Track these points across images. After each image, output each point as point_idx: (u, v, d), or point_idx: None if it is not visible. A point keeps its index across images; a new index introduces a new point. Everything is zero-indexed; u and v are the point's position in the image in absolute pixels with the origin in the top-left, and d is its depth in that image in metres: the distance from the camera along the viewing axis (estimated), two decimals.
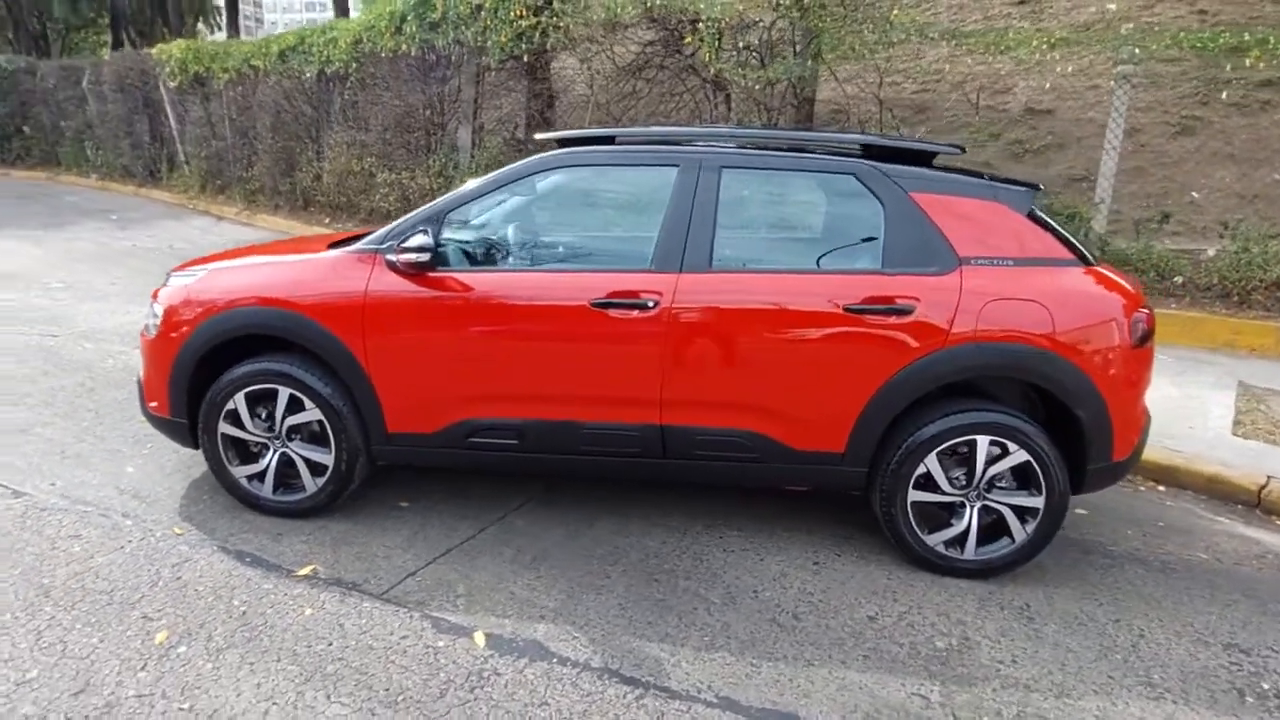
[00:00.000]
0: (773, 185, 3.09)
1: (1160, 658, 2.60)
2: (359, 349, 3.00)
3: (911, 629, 2.68)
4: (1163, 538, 3.49)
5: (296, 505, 3.20)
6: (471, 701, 2.22)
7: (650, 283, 2.89)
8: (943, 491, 2.94)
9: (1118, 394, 2.85)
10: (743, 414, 2.94)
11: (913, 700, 2.33)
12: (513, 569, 2.92)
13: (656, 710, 2.22)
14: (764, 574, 2.97)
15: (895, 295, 2.82)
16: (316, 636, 2.47)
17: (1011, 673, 2.47)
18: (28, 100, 16.40)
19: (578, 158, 3.08)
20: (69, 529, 3.05)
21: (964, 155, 3.54)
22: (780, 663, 2.46)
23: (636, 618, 2.66)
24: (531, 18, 7.58)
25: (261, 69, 11.01)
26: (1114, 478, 3.07)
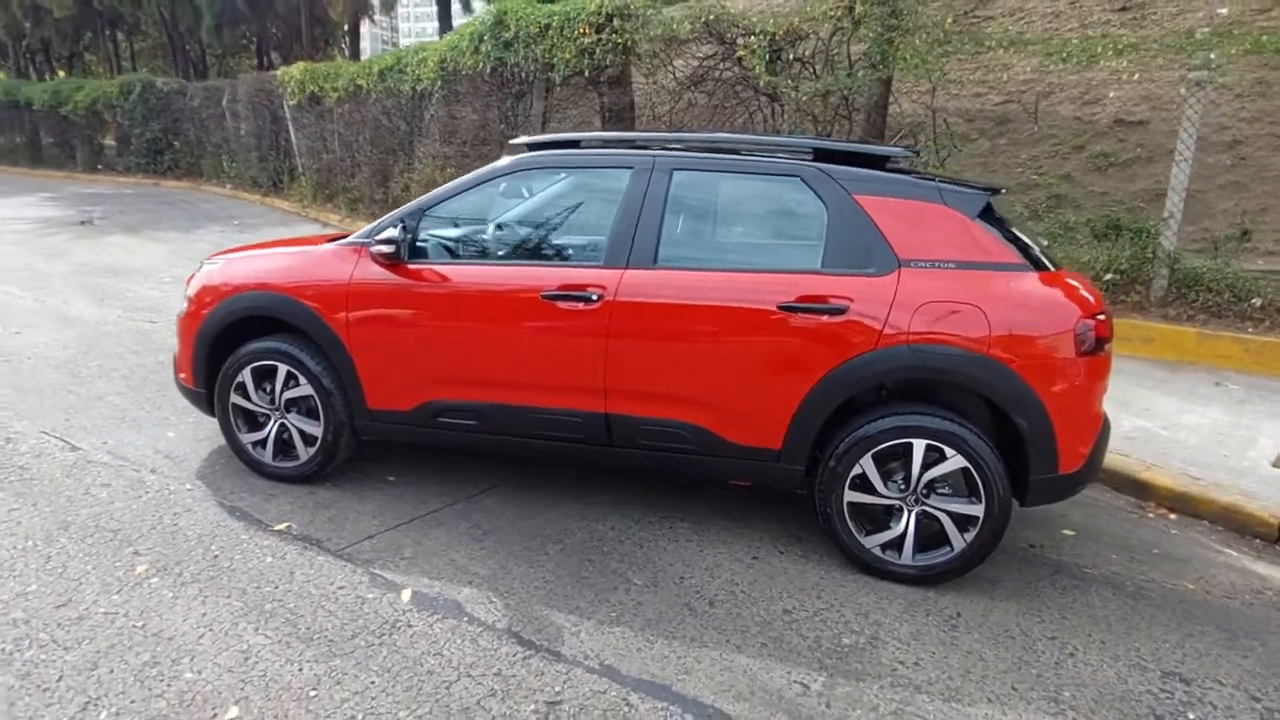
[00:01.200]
0: (722, 187, 3.19)
1: (1081, 677, 2.51)
2: (343, 331, 3.33)
3: (823, 624, 2.70)
4: (1151, 565, 3.30)
5: (291, 471, 3.56)
6: (375, 645, 2.45)
7: (596, 278, 3.06)
8: (879, 494, 2.93)
9: (1061, 403, 2.77)
10: (682, 406, 3.05)
11: (791, 687, 2.36)
12: (461, 540, 3.14)
13: (538, 669, 2.37)
14: (697, 563, 3.06)
15: (829, 295, 2.86)
16: (267, 581, 2.78)
17: (907, 674, 2.46)
18: (178, 118, 18.39)
19: (542, 160, 3.31)
20: (102, 479, 3.53)
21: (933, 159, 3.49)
22: (675, 641, 2.55)
23: (556, 590, 2.81)
24: (593, 35, 7.90)
25: (365, 88, 11.93)
26: (1063, 492, 2.96)
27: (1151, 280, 6.28)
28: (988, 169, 9.20)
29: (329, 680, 2.28)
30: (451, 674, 2.33)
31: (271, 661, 2.35)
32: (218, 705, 2.15)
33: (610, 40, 7.78)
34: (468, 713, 2.17)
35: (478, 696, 2.24)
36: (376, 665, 2.35)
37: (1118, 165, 8.49)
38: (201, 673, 2.28)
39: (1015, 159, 9.14)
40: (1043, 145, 9.17)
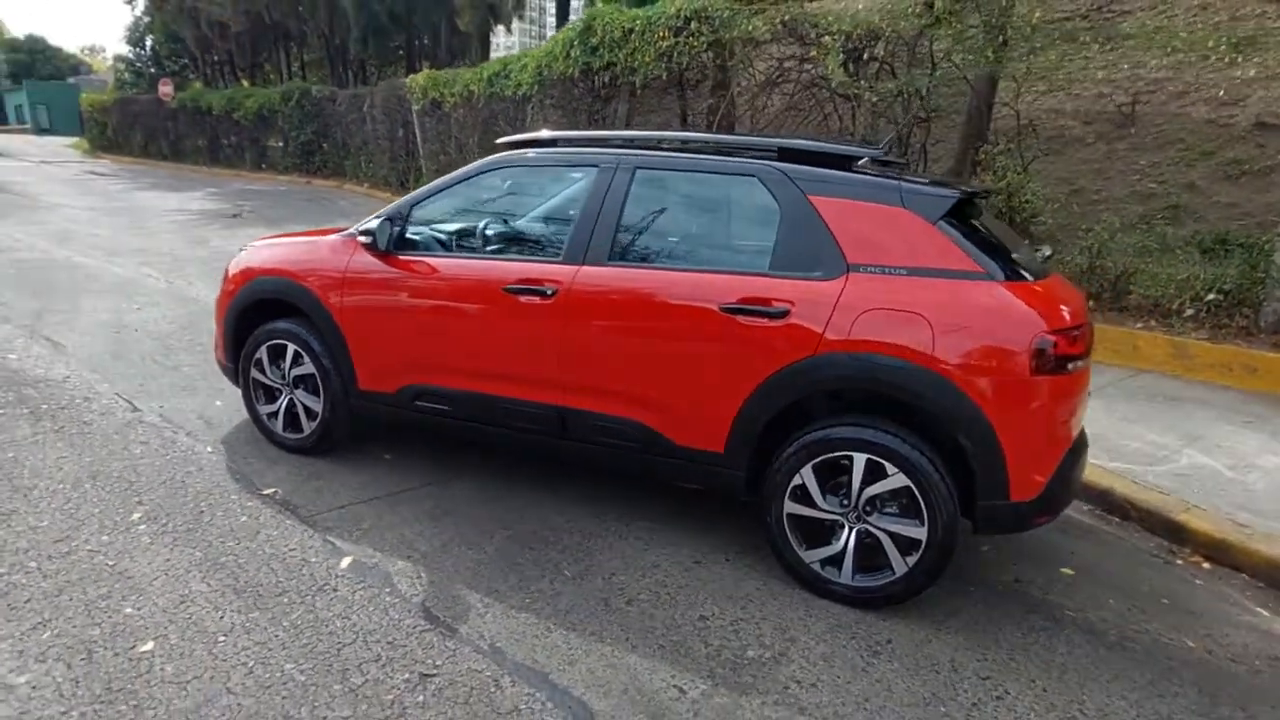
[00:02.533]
0: (682, 186, 3.15)
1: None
2: (339, 315, 3.58)
3: (734, 635, 2.63)
4: (1153, 615, 2.96)
5: (296, 442, 3.87)
6: (296, 603, 2.64)
7: (554, 272, 3.13)
8: (818, 507, 2.82)
9: (1012, 424, 2.54)
10: (630, 404, 3.06)
11: (668, 691, 2.33)
12: (420, 518, 3.30)
13: (429, 643, 2.47)
14: (637, 562, 3.05)
15: (772, 298, 2.78)
16: (233, 537, 3.05)
17: (798, 694, 2.36)
18: (328, 123, 20.10)
19: (515, 159, 3.41)
20: (143, 437, 3.99)
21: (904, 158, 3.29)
22: (574, 634, 2.57)
23: (485, 573, 2.91)
24: (672, 38, 7.96)
25: (476, 93, 12.58)
26: (1016, 522, 2.71)
27: (1261, 303, 5.55)
28: (1101, 175, 8.44)
29: (241, 629, 2.48)
30: (349, 637, 2.48)
31: (201, 607, 2.59)
32: (139, 638, 2.40)
33: (687, 43, 7.80)
34: (345, 673, 2.31)
35: (362, 660, 2.37)
36: (289, 621, 2.54)
37: (1252, 173, 7.54)
38: (139, 609, 2.55)
39: (1133, 165, 8.31)
40: (1168, 150, 8.29)
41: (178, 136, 25.47)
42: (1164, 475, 3.99)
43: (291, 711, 2.15)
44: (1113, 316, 6.18)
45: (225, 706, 2.15)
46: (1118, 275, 6.13)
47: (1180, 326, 5.85)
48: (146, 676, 2.25)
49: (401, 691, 2.25)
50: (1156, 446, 4.37)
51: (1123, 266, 6.11)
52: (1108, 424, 4.67)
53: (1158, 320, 5.99)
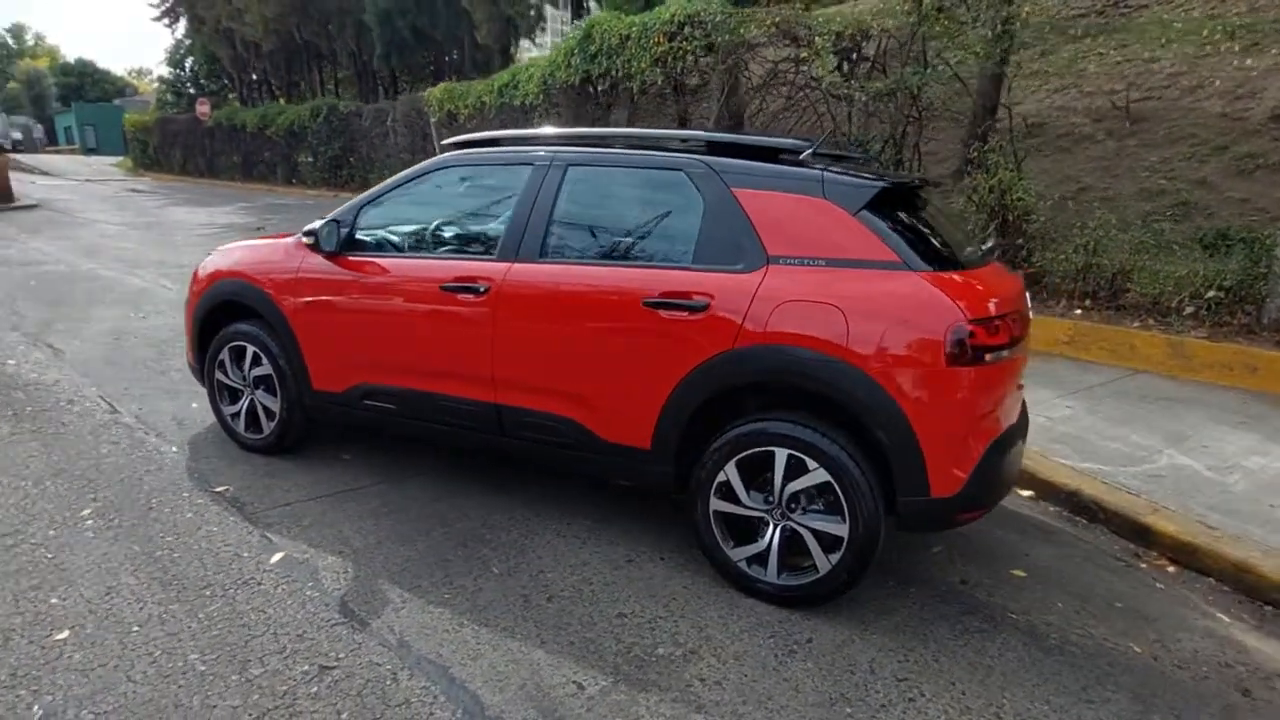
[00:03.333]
0: (613, 182, 3.12)
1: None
2: (291, 316, 3.64)
3: (648, 633, 2.59)
4: (1102, 620, 2.85)
5: (257, 442, 3.93)
6: (218, 596, 2.67)
7: (487, 270, 3.14)
8: (742, 504, 2.77)
9: (929, 417, 2.47)
10: (561, 400, 3.05)
11: (566, 686, 2.30)
12: (362, 515, 3.33)
13: (337, 636, 2.48)
14: (567, 560, 3.03)
15: (692, 291, 2.75)
16: (174, 532, 3.11)
17: (699, 692, 2.31)
18: (354, 137, 20.56)
19: (458, 159, 3.44)
20: (114, 438, 4.09)
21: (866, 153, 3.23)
22: (485, 629, 2.56)
23: (412, 569, 2.91)
24: (666, 43, 7.97)
25: (488, 104, 12.75)
26: (939, 519, 2.63)
27: (1264, 300, 5.33)
28: (1109, 173, 8.20)
29: (157, 620, 2.52)
30: (260, 630, 2.50)
31: (124, 598, 2.64)
32: (56, 627, 2.46)
33: (681, 48, 7.81)
34: (246, 664, 2.33)
35: (266, 652, 2.39)
36: (205, 613, 2.57)
37: (1267, 167, 7.26)
38: (64, 600, 2.61)
39: (1142, 162, 8.06)
40: (1179, 146, 8.03)
41: (214, 154, 26.28)
42: (1138, 476, 3.85)
43: (184, 700, 2.17)
44: (1110, 315, 5.99)
45: (121, 694, 2.19)
46: (1115, 273, 5.95)
47: (1179, 325, 5.65)
48: (54, 664, 2.29)
49: (297, 683, 2.26)
50: (1136, 447, 4.21)
51: (1120, 264, 5.92)
52: (1090, 424, 4.53)
53: (1156, 319, 5.79)
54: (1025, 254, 6.36)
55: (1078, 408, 4.82)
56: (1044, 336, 6.05)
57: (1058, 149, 8.97)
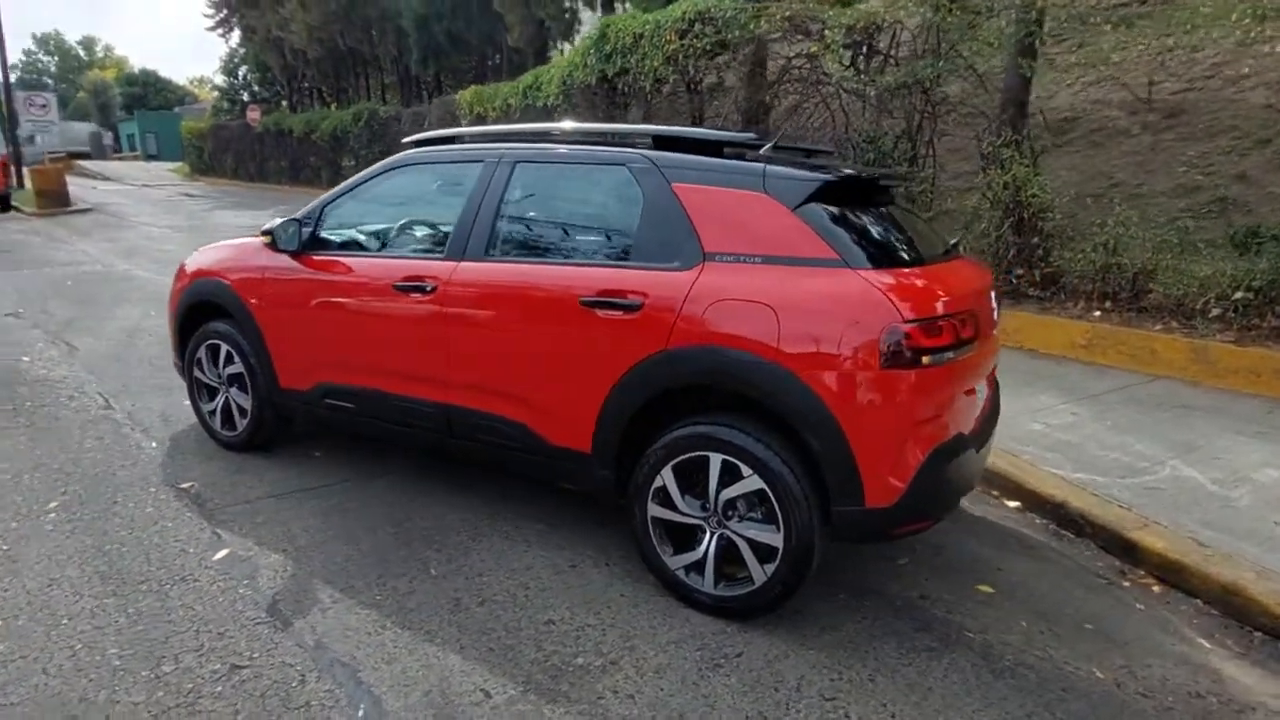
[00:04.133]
0: (559, 178, 3.05)
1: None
2: (258, 315, 3.67)
3: (573, 641, 2.51)
4: (1067, 642, 2.67)
5: (230, 439, 3.98)
6: (153, 591, 2.69)
7: (435, 269, 3.11)
8: (679, 511, 2.67)
9: (862, 422, 2.34)
10: (504, 401, 3.00)
11: (473, 694, 2.24)
12: (316, 514, 3.32)
13: (257, 635, 2.47)
14: (510, 563, 2.98)
15: (627, 290, 2.67)
16: (130, 526, 3.15)
17: (610, 704, 2.22)
18: (393, 140, 20.87)
19: (415, 158, 3.42)
20: (100, 433, 4.19)
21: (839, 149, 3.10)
22: (407, 632, 2.52)
23: (350, 569, 2.89)
24: (678, 40, 7.89)
25: (513, 105, 12.83)
26: (875, 530, 2.49)
27: None
28: (1143, 168, 7.81)
29: (87, 614, 2.55)
30: (184, 626, 2.50)
31: (63, 591, 2.68)
32: None
33: (692, 45, 7.71)
34: (160, 660, 2.33)
35: (184, 649, 2.39)
36: (135, 608, 2.59)
37: None
38: (6, 591, 2.66)
39: (1179, 156, 7.65)
40: (1219, 139, 7.61)
41: (263, 158, 27.06)
42: (1133, 489, 3.62)
43: (90, 695, 2.18)
44: (1130, 317, 5.68)
45: (33, 686, 2.21)
46: (1136, 273, 5.63)
47: (1205, 328, 5.31)
48: None
49: (204, 682, 2.25)
50: (1138, 457, 3.96)
51: (1142, 263, 5.61)
52: (1092, 432, 4.29)
53: (1180, 322, 5.46)
54: (1041, 253, 6.08)
55: (1083, 414, 4.57)
56: (1059, 340, 5.78)
57: (1090, 144, 8.59)
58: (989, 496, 3.83)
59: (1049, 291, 6.11)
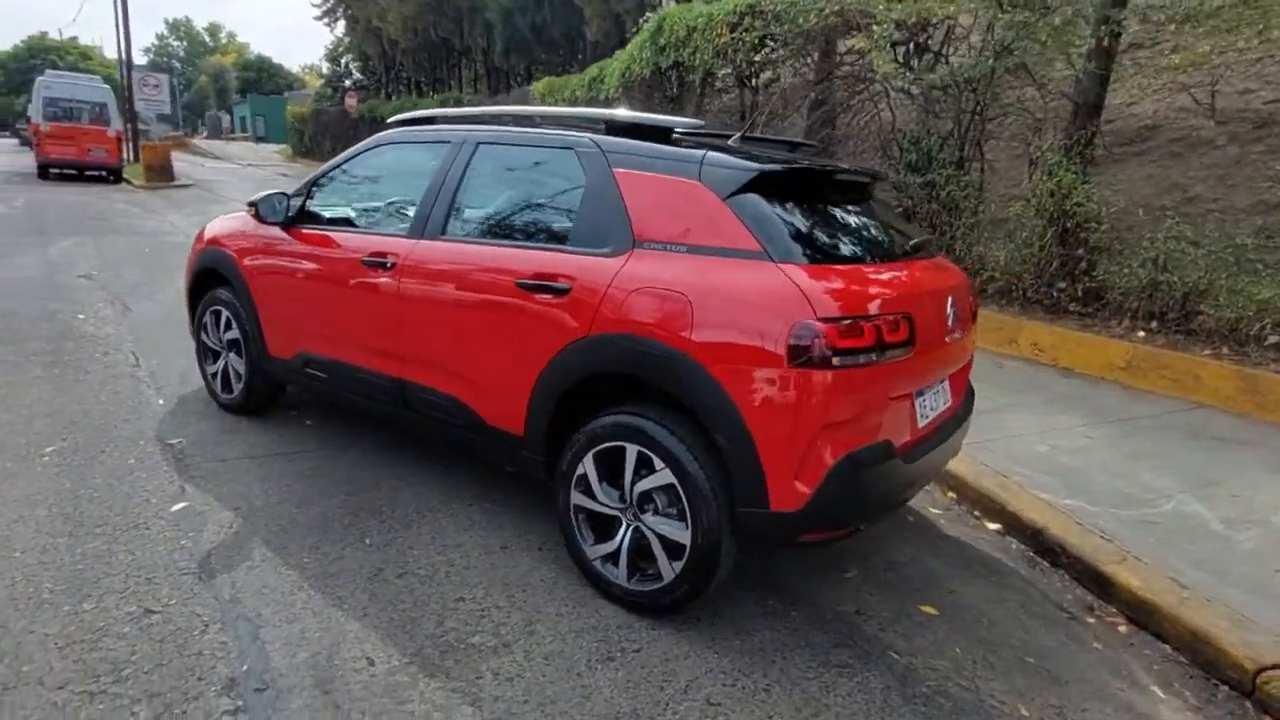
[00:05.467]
0: (514, 160, 3.04)
1: None
2: (251, 284, 3.84)
3: (475, 620, 2.51)
4: (1001, 675, 2.51)
5: (228, 401, 4.18)
6: (104, 537, 2.84)
7: (396, 246, 3.17)
8: (598, 500, 2.64)
9: (768, 421, 2.24)
10: (449, 379, 3.03)
11: (358, 661, 2.28)
12: (281, 477, 3.44)
13: (179, 585, 2.58)
14: (443, 540, 3.01)
15: (558, 274, 2.65)
16: (110, 475, 3.35)
17: (487, 685, 2.22)
18: None
19: (394, 137, 3.49)
20: (118, 388, 4.47)
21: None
22: (319, 596, 2.58)
23: (290, 532, 2.98)
24: (728, 34, 7.78)
25: (580, 96, 12.95)
26: (782, 535, 2.37)
27: None
28: (1224, 182, 7.20)
29: (38, 550, 2.72)
30: (119, 570, 2.64)
31: (27, 528, 2.86)
32: None
33: (742, 39, 7.58)
34: (84, 599, 2.46)
35: (110, 590, 2.52)
36: (82, 549, 2.75)
37: None
38: None
39: (1265, 170, 6.99)
40: None
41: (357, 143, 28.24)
42: (1126, 521, 3.35)
43: (11, 625, 2.33)
44: (1177, 340, 5.26)
45: None
46: (1186, 292, 5.21)
47: (1259, 356, 4.87)
48: None
49: (114, 622, 2.37)
50: (1144, 488, 3.67)
51: (1193, 282, 5.18)
52: (1103, 459, 3.99)
53: (1231, 347, 5.02)
54: (1085, 266, 5.69)
55: (1099, 439, 4.26)
56: (1097, 360, 5.41)
57: (1169, 154, 7.97)
58: (970, 517, 3.63)
59: (1092, 308, 5.72)
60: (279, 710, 2.07)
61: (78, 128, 17.86)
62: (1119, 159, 8.33)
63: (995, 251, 6.15)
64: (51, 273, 7.68)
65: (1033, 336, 5.81)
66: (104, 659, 2.21)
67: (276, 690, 2.14)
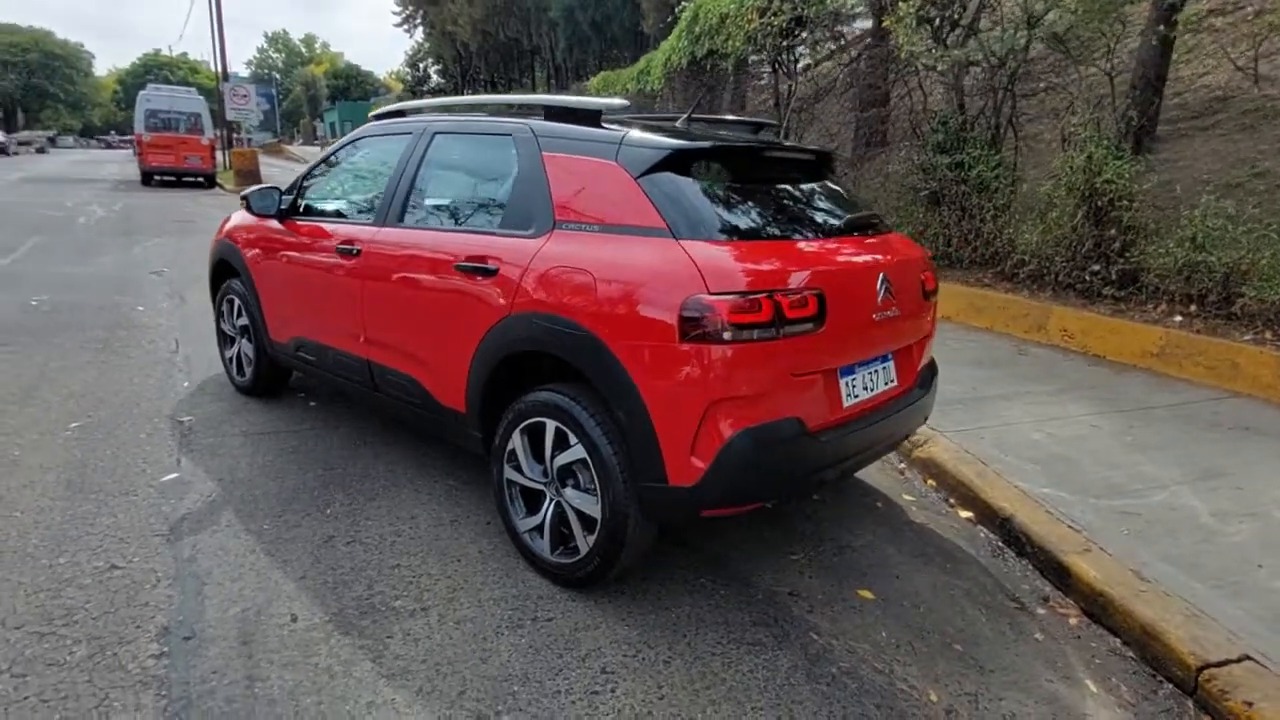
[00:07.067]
0: (463, 148, 3.13)
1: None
2: (255, 275, 4.10)
3: (403, 586, 2.64)
4: (921, 661, 2.46)
5: (241, 383, 4.47)
6: (98, 499, 3.12)
7: (361, 233, 3.33)
8: (525, 475, 2.72)
9: (663, 395, 2.26)
10: (406, 360, 3.17)
11: (282, 617, 2.43)
12: (268, 452, 3.67)
13: (148, 544, 2.81)
14: (399, 512, 3.15)
15: (488, 256, 2.74)
16: (119, 447, 3.65)
17: (393, 645, 2.33)
18: None
19: (371, 130, 3.65)
20: (153, 370, 4.85)
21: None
22: (269, 559, 2.75)
23: (260, 501, 3.18)
24: (757, 19, 7.69)
25: (629, 90, 13.04)
26: (682, 511, 2.39)
27: None
28: None
29: (35, 510, 3.01)
30: (100, 530, 2.89)
31: (33, 491, 3.16)
32: None
33: (770, 23, 7.49)
34: (60, 554, 2.72)
35: (86, 548, 2.76)
36: (74, 511, 3.02)
37: None
38: None
39: None
40: None
41: None
42: (1104, 511, 3.18)
43: None
44: (1217, 324, 4.90)
45: None
46: (1227, 273, 4.84)
47: None
48: None
49: (80, 574, 2.61)
50: (1137, 478, 3.46)
51: (1234, 262, 4.81)
52: (1099, 447, 3.79)
53: (1275, 331, 4.64)
54: (1120, 247, 5.36)
55: (1105, 428, 4.04)
56: (1130, 346, 5.11)
57: (1240, 127, 7.36)
58: (945, 505, 3.52)
59: (1127, 291, 5.38)
60: (198, 656, 2.25)
61: (175, 137, 19.23)
62: (1184, 134, 7.76)
63: (1026, 233, 5.87)
64: (126, 269, 8.35)
65: (1062, 322, 5.53)
66: (62, 605, 2.44)
67: (201, 640, 2.32)
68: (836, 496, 3.53)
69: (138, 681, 2.13)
